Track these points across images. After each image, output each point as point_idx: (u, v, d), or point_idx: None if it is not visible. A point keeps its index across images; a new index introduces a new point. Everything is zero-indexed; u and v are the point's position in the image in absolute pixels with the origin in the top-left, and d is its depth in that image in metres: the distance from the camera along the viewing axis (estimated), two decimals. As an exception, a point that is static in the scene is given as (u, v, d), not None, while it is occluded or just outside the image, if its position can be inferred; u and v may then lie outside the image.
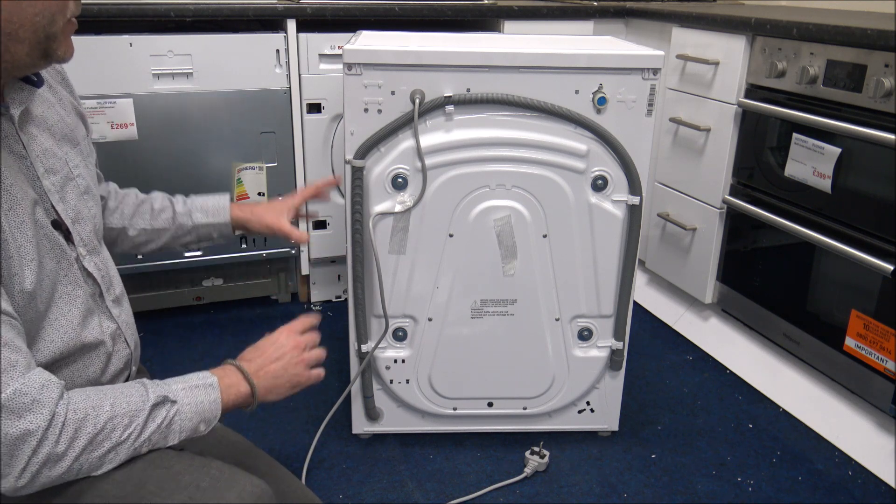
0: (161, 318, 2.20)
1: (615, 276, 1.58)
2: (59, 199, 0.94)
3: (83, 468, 0.83)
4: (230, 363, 1.02)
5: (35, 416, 0.79)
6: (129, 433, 0.86)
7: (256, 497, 0.89)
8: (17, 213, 0.85)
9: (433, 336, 1.60)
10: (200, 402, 0.92)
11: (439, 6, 2.17)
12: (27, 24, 0.81)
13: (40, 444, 0.79)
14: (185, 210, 1.28)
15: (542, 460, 1.63)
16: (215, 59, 2.03)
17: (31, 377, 0.80)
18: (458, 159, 1.46)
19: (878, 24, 1.65)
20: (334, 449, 1.69)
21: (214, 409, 0.94)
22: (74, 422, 0.82)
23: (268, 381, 1.02)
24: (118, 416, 0.85)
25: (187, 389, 0.92)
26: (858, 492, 1.60)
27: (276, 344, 1.06)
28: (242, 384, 0.99)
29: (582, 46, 1.49)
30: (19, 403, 0.78)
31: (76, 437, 0.82)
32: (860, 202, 1.67)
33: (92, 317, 0.98)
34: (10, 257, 0.84)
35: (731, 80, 1.97)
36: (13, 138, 0.89)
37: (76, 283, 0.96)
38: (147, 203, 1.27)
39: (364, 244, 1.50)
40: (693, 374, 2.05)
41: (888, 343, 1.62)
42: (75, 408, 0.82)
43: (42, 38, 0.83)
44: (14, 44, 0.81)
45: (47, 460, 0.80)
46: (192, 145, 2.07)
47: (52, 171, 0.94)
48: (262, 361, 1.03)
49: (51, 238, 0.92)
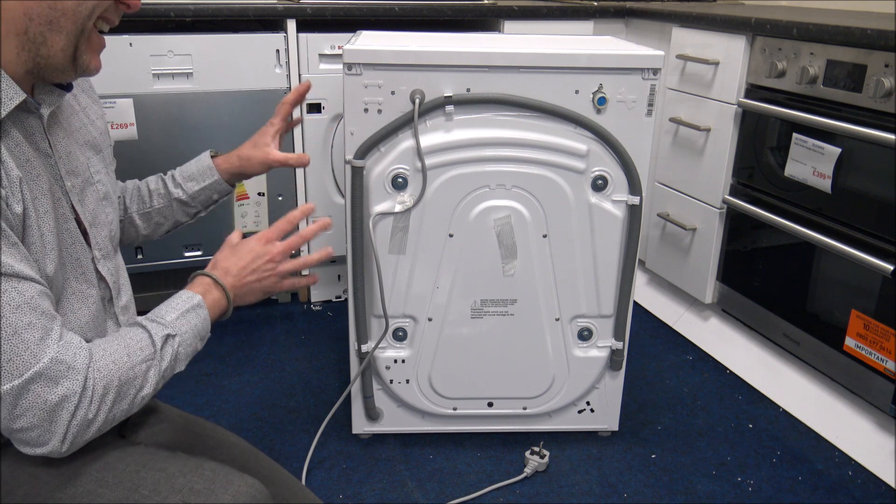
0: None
1: (615, 276, 1.58)
2: (78, 201, 0.97)
3: (116, 417, 0.87)
4: (205, 274, 1.02)
5: (71, 382, 0.81)
6: (149, 377, 0.89)
7: (251, 497, 0.89)
8: (43, 203, 0.87)
9: (433, 336, 1.60)
10: (195, 325, 0.96)
11: (439, 6, 2.17)
12: (69, 13, 0.84)
13: (77, 408, 0.82)
14: (176, 183, 1.29)
15: (542, 460, 1.63)
16: (215, 59, 2.03)
17: (64, 344, 0.83)
18: (458, 159, 1.46)
19: (878, 24, 1.65)
20: (334, 449, 1.69)
21: (206, 326, 0.97)
22: (102, 381, 0.84)
23: (242, 291, 1.04)
24: (136, 365, 0.88)
25: (181, 317, 0.95)
26: (858, 492, 1.60)
27: (252, 252, 1.05)
28: (222, 298, 1.01)
29: (582, 46, 1.49)
30: (56, 371, 0.81)
31: (105, 395, 0.84)
32: (860, 202, 1.67)
33: (100, 320, 0.99)
34: (33, 243, 0.85)
35: (731, 80, 1.97)
36: (40, 136, 0.91)
37: (90, 283, 0.97)
38: (143, 187, 1.28)
39: (364, 244, 1.50)
40: (693, 374, 2.05)
41: (888, 343, 1.62)
42: (100, 367, 0.85)
43: (78, 31, 0.86)
44: (53, 34, 0.84)
45: (83, 422, 0.83)
46: (192, 145, 2.07)
47: (74, 174, 0.97)
48: (238, 274, 1.04)
49: (73, 234, 0.94)
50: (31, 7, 0.82)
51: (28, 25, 0.83)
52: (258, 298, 1.07)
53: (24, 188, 0.83)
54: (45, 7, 0.82)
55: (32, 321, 0.80)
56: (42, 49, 0.84)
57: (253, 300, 1.06)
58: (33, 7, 0.82)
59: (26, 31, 0.83)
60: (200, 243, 2.18)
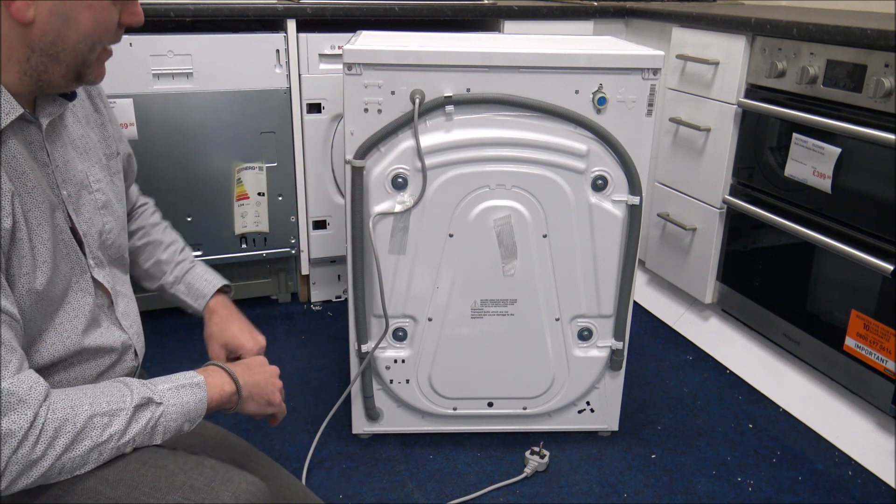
0: (161, 318, 2.20)
1: (615, 276, 1.58)
2: (73, 210, 0.97)
3: (65, 468, 0.83)
4: (215, 364, 1.02)
5: (18, 416, 0.79)
6: (111, 432, 0.86)
7: (251, 495, 0.89)
8: (37, 215, 0.88)
9: (433, 336, 1.60)
10: (186, 402, 0.93)
11: (439, 6, 2.17)
12: (69, 48, 0.87)
13: (20, 445, 0.79)
14: (176, 278, 1.24)
15: (542, 460, 1.63)
16: (215, 59, 2.03)
17: (20, 377, 0.81)
18: (458, 159, 1.46)
19: (878, 24, 1.65)
20: (334, 449, 1.69)
21: (200, 409, 0.94)
22: (54, 422, 0.81)
23: (251, 388, 1.03)
24: (97, 415, 0.85)
25: (173, 390, 0.92)
26: (858, 492, 1.60)
27: (257, 360, 1.09)
28: (228, 383, 0.99)
29: (582, 46, 1.49)
30: (5, 402, 0.79)
31: (56, 437, 0.82)
32: (860, 202, 1.67)
33: (97, 326, 0.99)
34: (22, 257, 0.85)
35: (731, 80, 1.97)
36: (38, 145, 0.92)
37: (86, 292, 0.97)
38: (159, 248, 1.24)
39: (364, 244, 1.50)
40: (693, 374, 2.05)
41: (888, 343, 1.62)
42: (55, 408, 0.82)
43: (80, 63, 0.89)
44: (54, 65, 0.87)
45: (27, 461, 0.80)
46: (192, 145, 2.07)
47: (71, 182, 0.97)
48: (246, 369, 1.05)
49: (68, 244, 0.94)
50: (33, 41, 0.84)
51: (30, 55, 0.85)
52: (262, 406, 1.05)
53: (15, 202, 0.83)
54: (46, 43, 0.85)
55: None
56: (44, 76, 0.87)
57: (259, 406, 1.05)
58: (35, 41, 0.84)
59: (28, 59, 0.85)
60: (201, 243, 2.18)
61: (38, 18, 0.83)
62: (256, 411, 1.05)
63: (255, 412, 1.05)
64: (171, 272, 1.23)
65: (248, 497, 0.88)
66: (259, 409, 1.05)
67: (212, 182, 2.12)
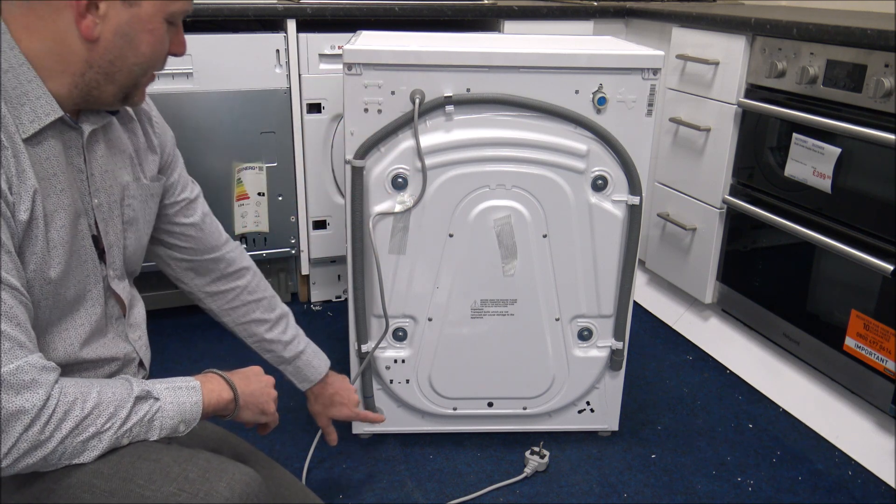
0: (161, 318, 2.20)
1: (615, 276, 1.58)
2: (102, 219, 0.98)
3: (66, 453, 0.85)
4: (214, 371, 1.04)
5: (32, 395, 0.81)
6: (113, 422, 0.87)
7: (245, 485, 0.89)
8: (61, 217, 0.89)
9: (433, 336, 1.60)
10: (182, 402, 0.94)
11: (439, 6, 2.17)
12: (126, 69, 0.90)
13: (32, 424, 0.81)
14: (280, 359, 1.36)
15: (542, 460, 1.63)
16: (215, 59, 2.03)
17: (34, 357, 0.83)
18: (458, 159, 1.46)
19: (878, 24, 1.65)
20: (334, 449, 1.69)
21: (195, 411, 0.96)
22: (64, 405, 0.83)
23: (247, 396, 1.05)
24: (103, 403, 0.87)
25: (170, 390, 0.94)
26: (858, 492, 1.60)
27: (254, 370, 1.10)
28: (225, 390, 1.01)
29: (582, 46, 1.49)
30: (20, 380, 0.80)
31: (64, 420, 0.83)
32: (860, 202, 1.67)
33: (101, 336, 1.00)
34: (34, 252, 0.86)
35: (731, 80, 1.97)
36: (76, 151, 0.94)
37: (97, 301, 0.99)
38: (262, 326, 1.32)
39: (364, 244, 1.50)
40: (693, 374, 2.05)
41: (888, 343, 1.62)
42: (66, 392, 0.84)
43: (131, 84, 0.93)
44: (107, 83, 0.90)
45: (35, 441, 0.81)
46: (192, 145, 2.07)
47: (104, 192, 0.98)
48: (244, 378, 1.06)
49: (87, 251, 0.96)
50: (94, 58, 0.87)
51: (86, 71, 0.88)
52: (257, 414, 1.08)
53: (37, 199, 0.85)
54: (106, 61, 0.88)
55: (7, 331, 0.80)
56: (94, 92, 0.90)
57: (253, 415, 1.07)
58: (95, 58, 0.87)
59: (83, 74, 0.88)
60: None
61: (103, 37, 0.86)
62: (251, 419, 1.07)
63: (249, 420, 1.07)
64: (279, 352, 1.34)
65: (243, 487, 0.89)
66: (253, 417, 1.07)
67: (212, 182, 2.12)
